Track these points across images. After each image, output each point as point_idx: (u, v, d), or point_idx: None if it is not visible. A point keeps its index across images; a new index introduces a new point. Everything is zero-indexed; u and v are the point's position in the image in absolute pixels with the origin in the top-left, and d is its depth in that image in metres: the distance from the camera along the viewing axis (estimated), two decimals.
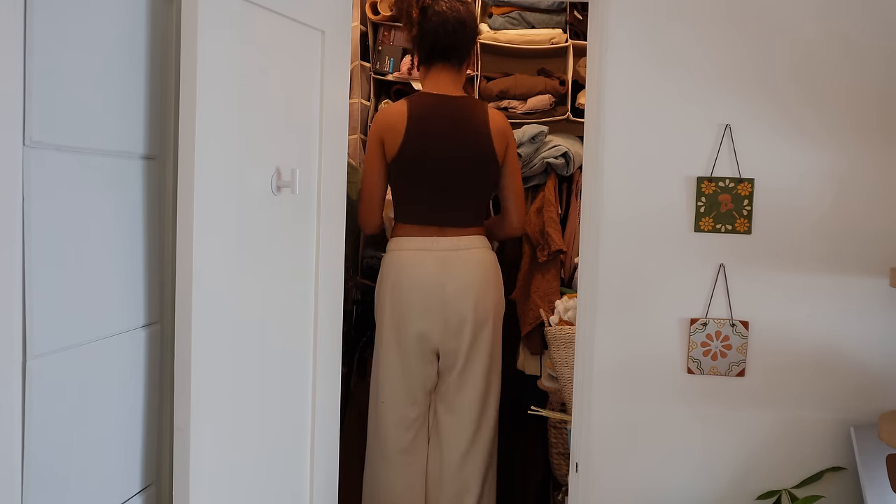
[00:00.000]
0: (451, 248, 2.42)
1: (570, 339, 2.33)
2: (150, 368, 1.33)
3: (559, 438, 2.64)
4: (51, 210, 1.09)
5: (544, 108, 2.97)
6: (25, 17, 1.01)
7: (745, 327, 1.85)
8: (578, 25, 3.03)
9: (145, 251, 1.31)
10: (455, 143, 2.43)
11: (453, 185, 2.43)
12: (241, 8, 1.37)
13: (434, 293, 2.39)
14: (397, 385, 2.44)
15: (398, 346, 2.42)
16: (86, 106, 1.15)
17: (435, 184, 2.42)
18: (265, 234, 1.50)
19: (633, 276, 1.87)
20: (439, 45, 2.47)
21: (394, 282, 2.41)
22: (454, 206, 2.45)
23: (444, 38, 2.46)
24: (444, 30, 2.46)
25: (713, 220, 1.84)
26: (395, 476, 2.47)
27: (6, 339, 1.01)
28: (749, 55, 1.82)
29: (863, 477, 1.71)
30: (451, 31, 2.46)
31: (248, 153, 1.42)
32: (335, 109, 1.72)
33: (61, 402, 1.12)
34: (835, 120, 1.82)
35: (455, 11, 2.48)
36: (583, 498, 1.92)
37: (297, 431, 1.67)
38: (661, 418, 1.89)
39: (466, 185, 2.46)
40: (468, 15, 2.52)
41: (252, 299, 1.46)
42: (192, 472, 1.28)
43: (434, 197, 2.43)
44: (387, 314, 2.42)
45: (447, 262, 2.41)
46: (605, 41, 1.84)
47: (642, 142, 1.85)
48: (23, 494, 1.05)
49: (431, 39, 2.47)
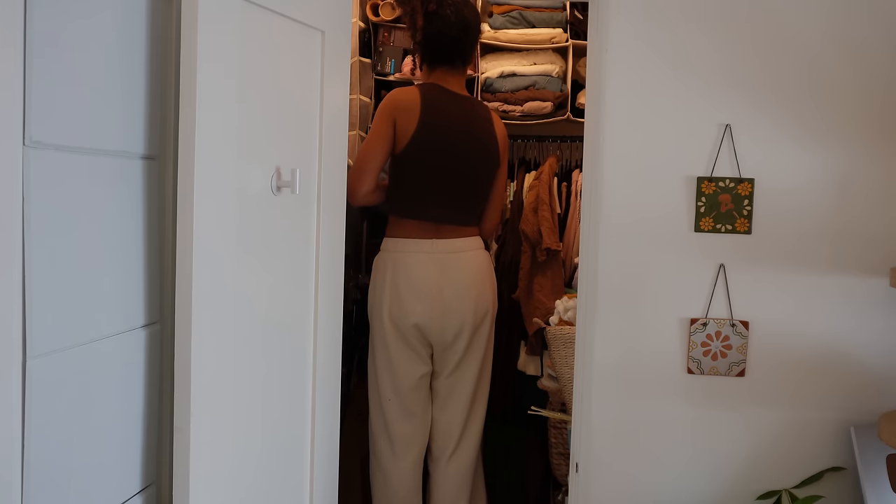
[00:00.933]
0: (449, 251, 2.42)
1: (570, 339, 2.33)
2: (149, 368, 1.33)
3: (559, 438, 2.64)
4: (51, 210, 1.09)
5: (542, 112, 2.97)
6: (25, 17, 1.01)
7: (746, 327, 1.85)
8: (578, 25, 3.03)
9: (145, 251, 1.31)
10: (466, 141, 2.43)
11: (458, 183, 2.43)
12: (241, 8, 1.37)
13: (433, 296, 2.39)
14: (397, 381, 2.45)
15: (397, 344, 2.42)
16: (86, 106, 1.15)
17: (441, 179, 2.41)
18: (265, 234, 1.50)
19: (633, 276, 1.87)
20: (444, 49, 2.47)
21: (391, 284, 2.40)
22: (456, 206, 2.45)
23: (449, 44, 2.47)
24: (450, 35, 2.46)
25: (713, 220, 1.84)
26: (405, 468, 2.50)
27: (6, 339, 1.01)
28: (749, 55, 1.82)
29: (863, 477, 1.71)
30: (456, 36, 2.46)
31: (248, 153, 1.42)
32: (335, 109, 1.71)
33: (61, 403, 1.12)
34: (836, 120, 1.82)
35: (459, 15, 2.47)
36: (583, 498, 1.92)
37: (297, 431, 1.67)
38: (661, 418, 1.89)
39: (470, 184, 2.46)
40: (472, 16, 2.52)
41: (252, 299, 1.46)
42: (192, 472, 1.28)
43: (437, 193, 2.42)
44: (385, 316, 2.42)
45: (446, 265, 2.41)
46: (605, 41, 1.84)
47: (642, 142, 1.85)
48: (23, 494, 1.05)
49: (436, 44, 2.47)
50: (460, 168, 2.42)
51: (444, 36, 2.45)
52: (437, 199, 2.42)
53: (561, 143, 3.14)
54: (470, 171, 2.45)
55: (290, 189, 1.50)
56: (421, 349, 2.45)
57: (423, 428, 2.51)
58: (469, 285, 2.42)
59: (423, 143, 2.36)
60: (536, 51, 3.06)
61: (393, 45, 3.11)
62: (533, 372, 2.71)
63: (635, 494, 1.91)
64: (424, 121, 2.36)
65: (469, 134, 2.44)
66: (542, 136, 3.16)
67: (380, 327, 2.44)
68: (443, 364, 2.47)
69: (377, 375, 2.47)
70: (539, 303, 2.64)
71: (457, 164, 2.42)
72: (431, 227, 2.42)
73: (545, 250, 2.64)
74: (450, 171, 2.41)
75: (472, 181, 2.46)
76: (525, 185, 2.92)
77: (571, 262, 2.78)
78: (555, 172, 2.86)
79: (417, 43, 2.52)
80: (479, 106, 2.56)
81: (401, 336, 2.42)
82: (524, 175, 2.99)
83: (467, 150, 2.43)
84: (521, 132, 3.16)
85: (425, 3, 2.45)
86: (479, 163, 2.47)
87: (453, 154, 2.41)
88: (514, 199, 2.95)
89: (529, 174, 2.97)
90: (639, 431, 1.90)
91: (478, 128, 2.47)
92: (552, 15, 3.07)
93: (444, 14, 2.45)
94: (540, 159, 3.14)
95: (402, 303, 2.39)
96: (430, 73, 2.53)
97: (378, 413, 2.49)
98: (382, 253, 2.47)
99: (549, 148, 3.16)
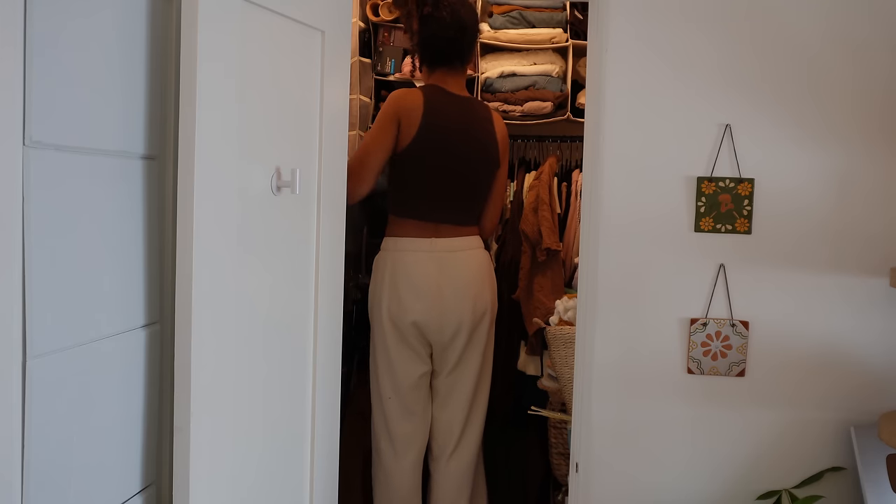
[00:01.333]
0: (448, 250, 2.42)
1: (570, 339, 2.33)
2: (150, 368, 1.33)
3: (559, 438, 2.64)
4: (51, 210, 1.08)
5: (542, 112, 2.97)
6: (25, 17, 1.01)
7: (746, 327, 1.85)
8: (578, 25, 3.03)
9: (145, 251, 1.31)
10: (466, 142, 2.43)
11: (458, 184, 2.44)
12: (240, 8, 1.37)
13: (432, 295, 2.39)
14: (397, 380, 2.45)
15: (397, 343, 2.43)
16: (86, 106, 1.15)
17: (441, 180, 2.42)
18: (265, 233, 1.50)
19: (633, 276, 1.87)
20: (442, 51, 2.47)
21: (390, 283, 2.41)
22: (456, 206, 2.45)
23: (447, 45, 2.46)
24: (447, 37, 2.45)
25: (713, 220, 1.84)
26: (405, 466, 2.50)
27: (6, 339, 1.01)
28: (749, 55, 1.82)
29: (863, 477, 1.71)
30: (453, 37, 2.45)
31: (248, 153, 1.42)
32: (335, 109, 1.71)
33: (61, 403, 1.12)
34: (836, 120, 1.82)
35: (456, 16, 2.45)
36: (583, 498, 1.92)
37: (297, 431, 1.67)
38: (661, 418, 1.89)
39: (470, 184, 2.47)
40: (470, 16, 2.52)
41: (252, 299, 1.46)
42: (192, 472, 1.28)
43: (438, 193, 2.42)
44: (384, 314, 2.42)
45: (445, 264, 2.41)
46: (605, 41, 1.84)
47: (642, 141, 1.85)
48: (23, 494, 1.05)
49: (434, 46, 2.47)
50: (459, 168, 2.43)
51: (440, 38, 2.45)
52: (436, 198, 2.42)
53: (561, 143, 3.14)
54: (469, 171, 2.45)
55: (290, 189, 1.50)
56: (420, 348, 2.45)
57: (424, 427, 2.51)
58: (468, 284, 2.42)
59: (424, 143, 2.37)
60: (536, 51, 3.06)
61: (393, 45, 3.11)
62: (533, 372, 2.71)
63: (635, 494, 1.91)
64: (426, 122, 2.36)
65: (468, 134, 2.44)
66: (542, 136, 3.16)
67: (379, 326, 2.44)
68: (442, 363, 2.48)
69: (378, 374, 2.47)
70: (539, 303, 2.64)
71: (456, 163, 2.42)
72: (431, 227, 2.42)
73: (545, 250, 2.65)
74: (449, 170, 2.41)
75: (471, 181, 2.46)
76: (525, 185, 2.92)
77: (571, 262, 2.78)
78: (555, 172, 2.86)
79: (415, 45, 2.52)
80: (480, 106, 2.56)
81: (400, 334, 2.42)
82: (524, 175, 2.99)
83: (467, 151, 2.43)
84: (521, 132, 3.16)
85: (420, 5, 2.44)
86: (478, 163, 2.47)
87: (453, 154, 2.41)
88: (514, 199, 2.95)
89: (529, 174, 2.97)
90: (639, 431, 1.90)
91: (477, 128, 2.47)
92: (552, 15, 3.07)
93: (439, 16, 2.44)
94: (540, 159, 3.14)
95: (401, 301, 2.39)
96: (430, 74, 2.53)
97: (379, 412, 2.49)
98: (382, 252, 2.47)
99: (549, 148, 3.16)
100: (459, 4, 2.49)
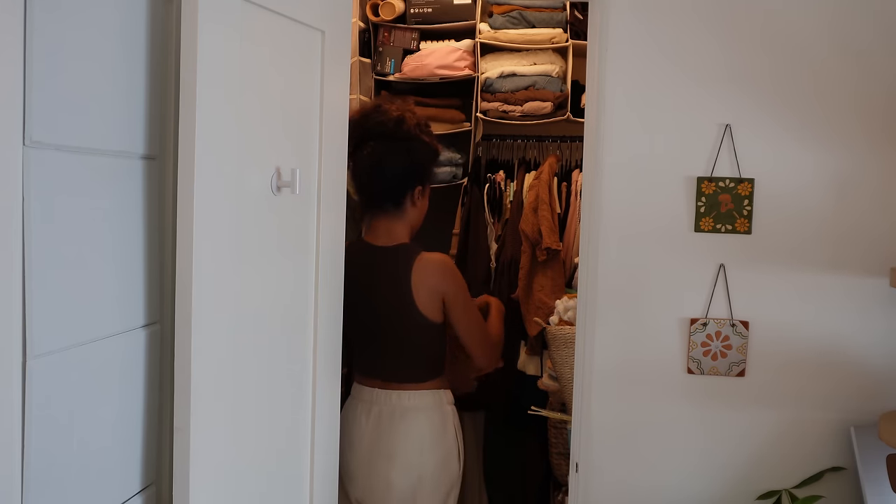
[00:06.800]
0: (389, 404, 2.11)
1: (570, 339, 2.32)
2: (149, 368, 1.33)
3: (559, 438, 2.64)
4: (51, 210, 1.08)
5: (542, 112, 2.97)
6: (25, 17, 1.01)
7: (746, 327, 1.85)
8: (578, 25, 3.03)
9: (145, 251, 1.31)
10: (376, 296, 2.11)
11: (382, 340, 2.14)
12: (240, 8, 1.37)
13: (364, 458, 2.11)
14: None
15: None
16: (86, 106, 1.15)
17: (366, 338, 2.15)
18: (265, 234, 1.50)
19: (633, 275, 1.87)
20: (365, 194, 2.20)
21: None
22: (392, 364, 2.14)
23: (368, 188, 2.17)
24: (368, 179, 2.15)
25: (713, 220, 1.84)
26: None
27: (6, 339, 1.01)
28: (749, 55, 1.82)
29: (863, 477, 1.71)
30: (372, 180, 2.15)
31: (247, 153, 1.42)
32: (335, 109, 1.71)
33: (61, 403, 1.12)
34: (837, 121, 1.82)
35: (374, 156, 2.11)
36: (583, 498, 1.92)
37: (297, 431, 1.67)
38: (661, 418, 1.89)
39: (395, 339, 2.13)
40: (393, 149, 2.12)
41: (252, 299, 1.46)
42: (192, 473, 1.28)
43: (369, 351, 2.17)
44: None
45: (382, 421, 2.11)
46: (604, 41, 1.84)
47: (642, 142, 1.85)
48: (23, 494, 1.05)
49: (359, 190, 2.20)
50: (375, 326, 2.12)
51: (363, 182, 2.16)
52: (370, 358, 2.17)
53: (561, 143, 3.14)
54: (387, 327, 2.12)
55: (290, 189, 1.50)
56: None
57: None
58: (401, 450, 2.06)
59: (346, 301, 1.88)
60: (536, 51, 3.06)
61: (393, 45, 3.11)
62: (533, 372, 2.71)
63: (635, 494, 1.91)
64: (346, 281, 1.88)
65: (378, 289, 2.11)
66: (542, 136, 3.16)
67: None
68: None
69: None
70: (539, 302, 2.64)
71: (371, 321, 2.12)
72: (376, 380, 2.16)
73: (545, 250, 2.65)
74: (367, 329, 2.13)
75: (393, 336, 2.12)
76: (525, 185, 2.92)
77: (571, 262, 2.78)
78: (555, 172, 2.86)
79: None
80: (404, 254, 2.11)
81: None
82: (524, 175, 2.99)
83: (378, 308, 2.11)
84: (521, 132, 3.16)
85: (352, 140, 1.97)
86: (394, 318, 2.10)
87: (366, 311, 2.11)
88: (514, 198, 2.95)
89: (529, 174, 2.97)
90: (639, 431, 1.90)
91: (389, 281, 2.10)
92: (552, 15, 3.07)
93: (359, 155, 2.11)
94: (540, 159, 3.14)
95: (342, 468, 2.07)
96: (367, 221, 2.22)
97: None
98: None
99: (549, 148, 3.16)
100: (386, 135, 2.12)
